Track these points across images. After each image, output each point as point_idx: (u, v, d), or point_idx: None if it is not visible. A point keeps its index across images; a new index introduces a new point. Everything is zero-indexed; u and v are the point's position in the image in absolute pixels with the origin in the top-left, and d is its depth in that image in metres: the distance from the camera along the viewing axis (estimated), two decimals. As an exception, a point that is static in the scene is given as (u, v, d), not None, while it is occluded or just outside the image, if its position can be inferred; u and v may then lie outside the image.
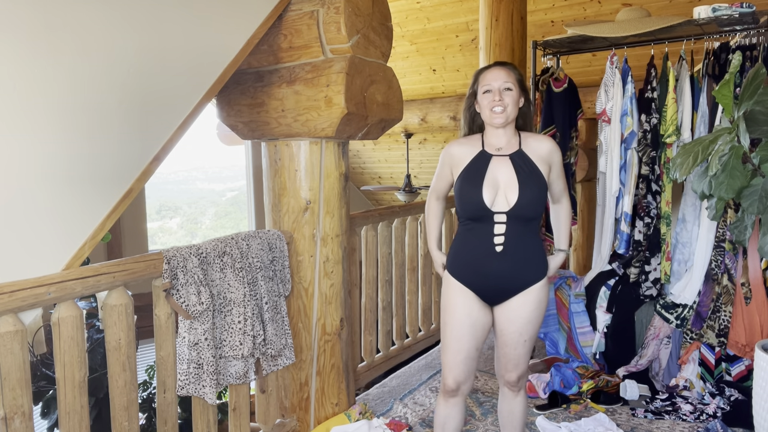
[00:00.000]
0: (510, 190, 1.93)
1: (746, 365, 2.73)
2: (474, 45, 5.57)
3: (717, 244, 2.88)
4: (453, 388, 2.03)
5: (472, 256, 1.97)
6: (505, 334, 2.01)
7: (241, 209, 8.98)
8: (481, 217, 1.94)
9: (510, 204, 1.92)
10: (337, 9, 2.29)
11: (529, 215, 1.94)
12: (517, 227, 1.93)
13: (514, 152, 1.99)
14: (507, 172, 1.95)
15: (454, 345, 2.01)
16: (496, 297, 1.99)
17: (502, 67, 2.01)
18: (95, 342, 2.93)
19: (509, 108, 1.96)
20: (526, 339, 2.01)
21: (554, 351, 3.34)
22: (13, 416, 1.63)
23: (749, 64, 2.75)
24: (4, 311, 1.59)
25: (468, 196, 1.95)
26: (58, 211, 1.80)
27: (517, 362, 2.04)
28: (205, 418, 2.19)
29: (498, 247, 1.93)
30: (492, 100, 1.95)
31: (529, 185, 1.93)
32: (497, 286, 1.96)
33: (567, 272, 3.51)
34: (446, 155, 2.09)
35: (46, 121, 1.75)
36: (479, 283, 1.97)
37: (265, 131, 2.53)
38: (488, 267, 1.94)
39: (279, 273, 2.43)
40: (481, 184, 1.93)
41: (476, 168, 1.97)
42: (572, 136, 3.47)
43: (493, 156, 1.99)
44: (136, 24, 1.94)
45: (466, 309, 1.99)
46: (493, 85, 1.96)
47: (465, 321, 1.99)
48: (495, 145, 2.01)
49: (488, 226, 1.93)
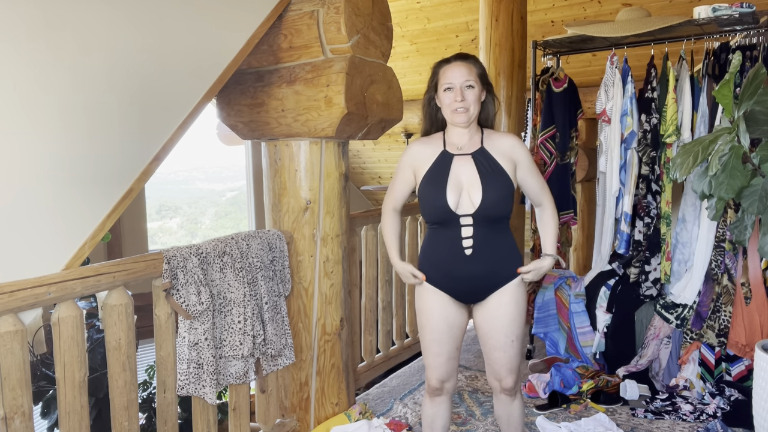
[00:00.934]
0: (473, 190, 1.86)
1: (746, 365, 2.73)
2: (474, 45, 5.57)
3: (717, 244, 2.88)
4: (437, 387, 2.02)
5: (442, 260, 1.91)
6: (491, 338, 1.95)
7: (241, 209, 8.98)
8: (447, 221, 1.88)
9: (475, 205, 1.85)
10: (337, 9, 2.29)
11: (495, 216, 1.87)
12: (484, 228, 1.87)
13: (476, 150, 1.92)
14: (469, 172, 1.88)
15: (433, 348, 1.98)
16: (470, 296, 1.95)
17: (463, 62, 1.90)
18: (95, 342, 2.93)
19: (472, 107, 1.88)
20: (512, 339, 1.94)
21: (554, 351, 3.34)
22: (13, 416, 1.63)
23: (749, 64, 2.75)
24: (4, 311, 1.59)
25: (432, 201, 1.88)
26: (58, 211, 1.80)
27: (510, 366, 1.96)
28: (205, 418, 2.19)
29: (467, 251, 1.87)
30: (453, 99, 1.87)
31: (493, 185, 1.86)
32: (471, 287, 1.92)
33: (567, 272, 3.51)
34: (408, 157, 1.99)
35: (46, 121, 1.75)
36: (452, 285, 1.93)
37: (265, 131, 2.53)
38: (459, 270, 1.89)
39: (279, 273, 2.43)
40: (445, 186, 1.86)
41: (439, 170, 1.90)
42: (572, 136, 3.47)
43: (455, 156, 1.91)
44: (137, 24, 1.94)
45: (441, 312, 1.94)
46: (455, 82, 1.87)
47: (441, 324, 1.95)
48: (457, 144, 1.94)
49: (455, 230, 1.87)
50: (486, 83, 1.94)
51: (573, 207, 3.52)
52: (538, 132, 3.47)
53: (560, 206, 3.50)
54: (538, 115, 3.48)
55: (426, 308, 1.97)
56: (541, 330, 3.37)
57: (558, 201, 3.49)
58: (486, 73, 1.96)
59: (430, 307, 1.96)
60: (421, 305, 1.99)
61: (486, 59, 4.20)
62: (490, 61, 4.18)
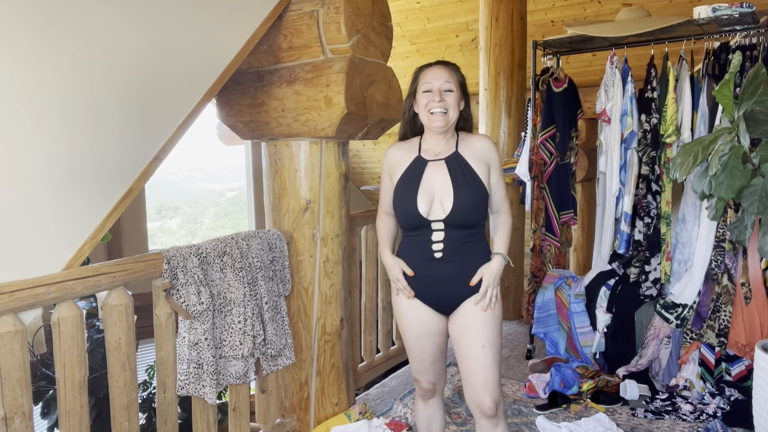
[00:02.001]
0: (445, 196, 1.82)
1: (746, 365, 2.73)
2: (474, 45, 5.57)
3: (717, 244, 2.88)
4: (429, 389, 2.01)
5: (414, 262, 1.88)
6: (462, 343, 1.86)
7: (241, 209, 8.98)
8: (418, 226, 1.86)
9: (446, 211, 1.82)
10: (337, 9, 2.29)
11: (466, 222, 1.83)
12: (456, 234, 1.83)
13: (450, 155, 1.88)
14: (442, 177, 1.85)
15: (417, 353, 1.96)
16: (444, 305, 1.90)
17: (444, 67, 1.88)
18: (95, 342, 2.93)
19: (451, 111, 1.84)
20: (484, 344, 1.82)
21: (554, 351, 3.34)
22: (13, 416, 1.63)
23: (749, 64, 2.75)
24: (4, 311, 1.59)
25: (403, 207, 1.87)
26: (58, 211, 1.80)
27: (485, 378, 1.81)
28: (205, 418, 2.19)
29: (437, 254, 1.84)
30: (431, 100, 1.83)
31: (465, 190, 1.82)
32: (442, 293, 1.87)
33: (567, 272, 3.51)
34: (386, 162, 1.98)
35: (46, 121, 1.75)
36: (424, 289, 1.89)
37: (265, 131, 2.53)
38: (429, 271, 1.86)
39: (279, 273, 2.43)
40: (416, 193, 1.84)
41: (411, 176, 1.88)
42: (572, 136, 3.47)
43: (429, 162, 1.88)
44: (137, 24, 1.94)
45: (417, 317, 1.92)
46: (434, 84, 1.84)
47: (419, 329, 1.92)
48: (433, 150, 1.90)
49: (426, 234, 1.85)
50: (465, 92, 1.92)
51: (573, 207, 3.52)
52: (538, 132, 3.47)
53: (560, 206, 3.50)
54: (538, 115, 3.48)
55: (403, 314, 1.95)
56: (541, 330, 3.37)
57: (558, 201, 3.49)
58: (466, 82, 1.93)
59: (406, 312, 1.94)
60: (398, 312, 1.97)
61: (486, 59, 4.20)
62: (490, 61, 4.18)
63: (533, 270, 3.62)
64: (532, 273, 3.64)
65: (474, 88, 5.46)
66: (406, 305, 1.93)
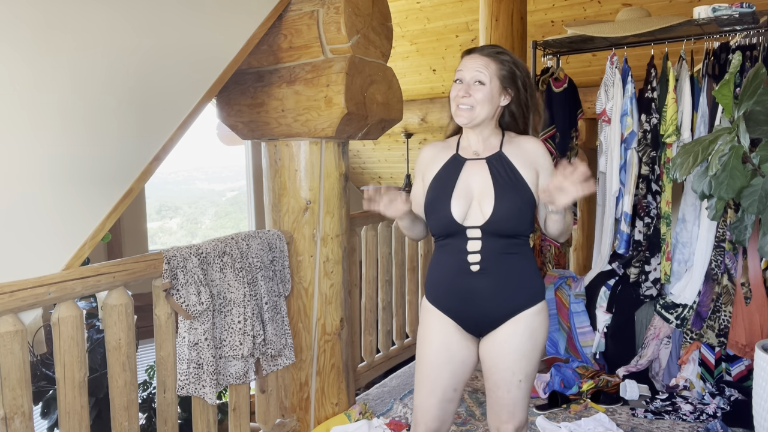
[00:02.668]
0: (485, 200, 1.60)
1: (746, 365, 2.73)
2: (474, 45, 5.57)
3: (717, 244, 2.88)
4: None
5: (446, 275, 1.66)
6: (495, 373, 1.65)
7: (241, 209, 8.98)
8: (452, 233, 1.63)
9: (485, 217, 1.59)
10: (337, 9, 2.29)
11: (508, 230, 1.60)
12: (496, 244, 1.60)
13: (493, 155, 1.65)
14: (482, 179, 1.63)
15: (427, 385, 1.68)
16: (479, 326, 1.66)
17: (481, 54, 1.63)
18: (95, 342, 2.93)
19: (478, 107, 1.61)
20: (520, 379, 1.62)
21: (554, 351, 3.34)
22: (13, 416, 1.63)
23: (749, 64, 2.75)
24: (4, 311, 1.59)
25: (435, 210, 1.64)
26: (58, 211, 1.80)
27: (513, 410, 1.64)
28: (205, 418, 2.19)
29: (473, 266, 1.60)
30: (457, 94, 1.63)
31: (508, 195, 1.60)
32: (478, 311, 1.63)
33: (567, 272, 3.51)
34: (418, 164, 1.77)
35: (46, 121, 1.75)
36: (457, 307, 1.65)
37: (265, 131, 2.53)
38: (464, 286, 1.62)
39: (279, 273, 2.43)
40: (450, 194, 1.62)
41: (446, 175, 1.66)
42: (572, 136, 3.47)
43: (467, 160, 1.67)
44: (137, 24, 1.94)
45: (443, 340, 1.67)
46: (465, 74, 1.62)
47: (441, 355, 1.67)
48: (472, 147, 1.69)
49: (461, 244, 1.62)
50: (511, 84, 1.65)
51: (573, 207, 3.52)
52: (538, 132, 3.47)
53: (560, 206, 3.50)
54: (538, 115, 3.47)
55: (426, 334, 1.70)
56: (541, 330, 3.37)
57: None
58: (515, 75, 1.65)
59: (430, 332, 1.69)
60: (422, 331, 1.72)
61: (486, 59, 4.20)
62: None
63: (533, 270, 3.62)
64: (532, 273, 3.63)
65: (474, 88, 5.46)
66: (433, 324, 1.69)
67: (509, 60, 1.65)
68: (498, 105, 1.65)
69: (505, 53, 1.66)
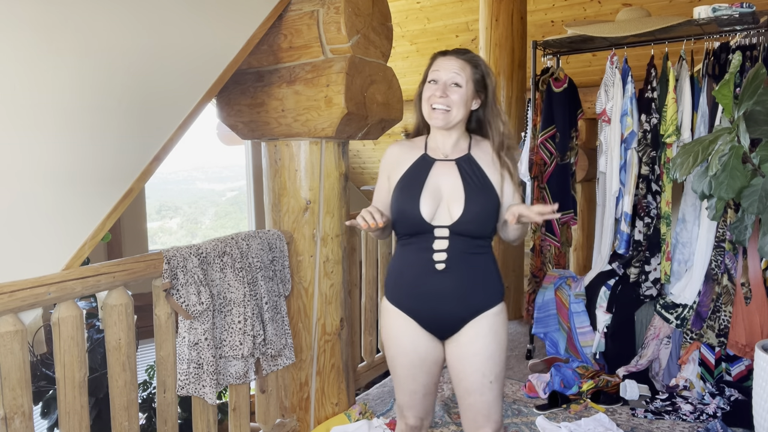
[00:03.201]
0: (454, 202, 1.62)
1: (746, 365, 2.73)
2: (474, 45, 5.57)
3: (717, 244, 2.88)
4: (417, 425, 1.77)
5: (410, 276, 1.66)
6: (465, 378, 1.66)
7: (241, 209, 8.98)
8: (419, 232, 1.64)
9: (453, 218, 1.61)
10: (337, 9, 2.29)
11: (476, 232, 1.63)
12: (462, 244, 1.62)
13: (462, 157, 1.68)
14: (452, 180, 1.65)
15: (407, 385, 1.72)
16: (442, 327, 1.67)
17: (457, 57, 1.65)
18: (95, 342, 2.93)
19: (454, 109, 1.63)
20: (491, 380, 1.64)
21: (554, 351, 3.34)
22: (13, 416, 1.63)
23: (749, 64, 2.75)
24: (4, 311, 1.59)
25: (403, 208, 1.64)
26: (58, 211, 1.80)
27: (489, 413, 1.66)
28: (205, 418, 2.19)
29: (439, 265, 1.61)
30: (433, 94, 1.63)
31: (478, 198, 1.62)
32: (441, 312, 1.64)
33: (567, 272, 3.51)
34: (385, 159, 1.77)
35: (46, 121, 1.75)
36: (420, 308, 1.65)
37: (265, 131, 2.53)
38: (427, 287, 1.63)
39: (279, 273, 2.43)
40: (420, 193, 1.63)
41: (415, 175, 1.67)
42: (572, 136, 3.47)
43: (436, 161, 1.68)
44: (137, 24, 1.94)
45: (410, 341, 1.68)
46: (441, 75, 1.63)
47: (413, 358, 1.69)
48: (441, 148, 1.70)
49: (427, 242, 1.62)
50: (482, 89, 1.68)
51: (573, 207, 3.52)
52: (538, 132, 3.47)
53: (560, 206, 3.50)
54: (538, 115, 3.48)
55: (393, 337, 1.71)
56: (541, 330, 3.37)
57: (558, 201, 3.49)
58: (487, 80, 1.68)
59: (397, 335, 1.70)
60: (387, 334, 1.73)
61: (486, 59, 4.20)
62: (490, 61, 4.18)
63: (533, 270, 3.62)
64: (532, 273, 3.64)
65: (474, 88, 5.47)
66: (397, 326, 1.70)
67: (482, 65, 1.69)
68: (470, 108, 1.69)
69: (479, 58, 1.70)
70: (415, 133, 1.80)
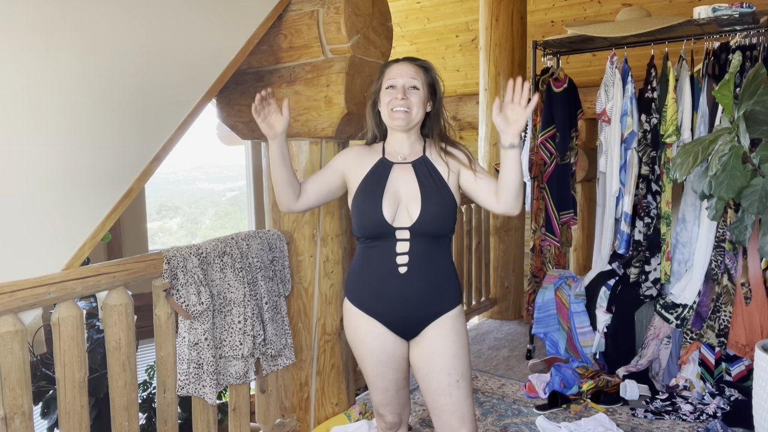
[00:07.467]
0: (412, 202, 1.68)
1: (746, 365, 2.73)
2: (474, 45, 5.57)
3: (717, 244, 2.88)
4: (395, 421, 1.82)
5: (373, 278, 1.71)
6: (432, 380, 1.69)
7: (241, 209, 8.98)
8: (381, 235, 1.68)
9: (412, 219, 1.67)
10: (337, 9, 2.29)
11: (435, 231, 1.68)
12: (423, 245, 1.67)
13: (418, 159, 1.75)
14: (409, 182, 1.71)
15: (379, 383, 1.77)
16: (405, 329, 1.72)
17: (411, 63, 1.74)
18: (95, 342, 2.93)
19: (414, 110, 1.70)
20: (457, 379, 1.68)
21: (554, 351, 3.34)
22: (13, 416, 1.63)
23: (749, 64, 2.75)
24: (4, 311, 1.59)
25: (366, 212, 1.69)
26: (58, 211, 1.81)
27: (462, 413, 1.69)
28: (205, 418, 2.19)
29: (401, 268, 1.66)
30: (393, 98, 1.69)
31: (434, 198, 1.68)
32: (404, 313, 1.69)
33: (567, 272, 3.51)
34: (341, 159, 1.82)
35: (46, 121, 1.75)
36: (383, 310, 1.70)
37: (265, 131, 2.53)
38: (391, 290, 1.68)
39: (279, 273, 2.43)
40: (381, 197, 1.68)
41: (376, 178, 1.73)
42: (572, 136, 3.47)
43: (394, 164, 1.74)
44: (137, 24, 1.94)
45: (376, 341, 1.73)
46: (398, 81, 1.70)
47: (380, 356, 1.73)
48: (398, 152, 1.77)
49: (390, 245, 1.68)
50: (434, 92, 1.77)
51: (573, 207, 3.52)
52: (538, 132, 3.47)
53: (560, 206, 3.50)
54: (538, 115, 3.48)
55: (359, 339, 1.76)
56: (541, 330, 3.37)
57: (558, 201, 3.49)
58: (436, 84, 1.78)
59: (362, 337, 1.75)
60: (353, 336, 1.78)
61: (486, 59, 4.20)
62: (490, 61, 4.18)
63: (533, 270, 3.62)
64: (532, 273, 3.64)
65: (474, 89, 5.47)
66: (362, 328, 1.74)
67: (432, 70, 1.79)
68: (426, 111, 1.77)
69: (429, 63, 1.80)
70: (371, 141, 1.85)
